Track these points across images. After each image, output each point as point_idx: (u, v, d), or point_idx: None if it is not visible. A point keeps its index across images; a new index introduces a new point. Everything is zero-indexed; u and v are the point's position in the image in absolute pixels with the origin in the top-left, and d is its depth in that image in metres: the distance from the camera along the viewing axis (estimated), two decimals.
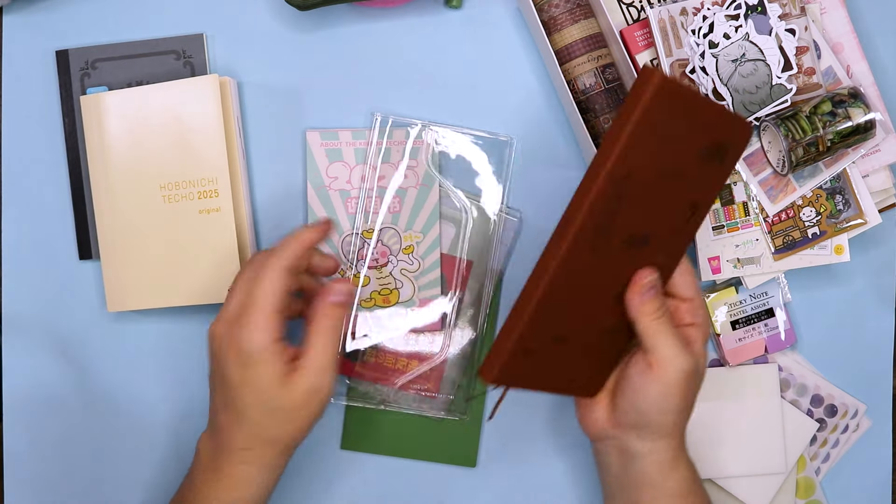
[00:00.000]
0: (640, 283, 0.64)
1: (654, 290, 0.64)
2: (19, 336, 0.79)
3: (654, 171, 0.61)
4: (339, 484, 0.79)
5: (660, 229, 0.64)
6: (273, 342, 0.62)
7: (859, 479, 0.81)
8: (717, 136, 0.63)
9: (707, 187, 0.65)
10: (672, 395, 0.64)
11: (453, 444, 0.79)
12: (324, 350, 0.63)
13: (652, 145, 0.60)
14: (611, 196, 0.60)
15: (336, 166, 0.77)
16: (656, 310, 0.64)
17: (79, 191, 0.78)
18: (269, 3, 0.79)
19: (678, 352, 0.64)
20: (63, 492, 0.79)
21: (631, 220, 0.62)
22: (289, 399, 0.63)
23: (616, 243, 0.62)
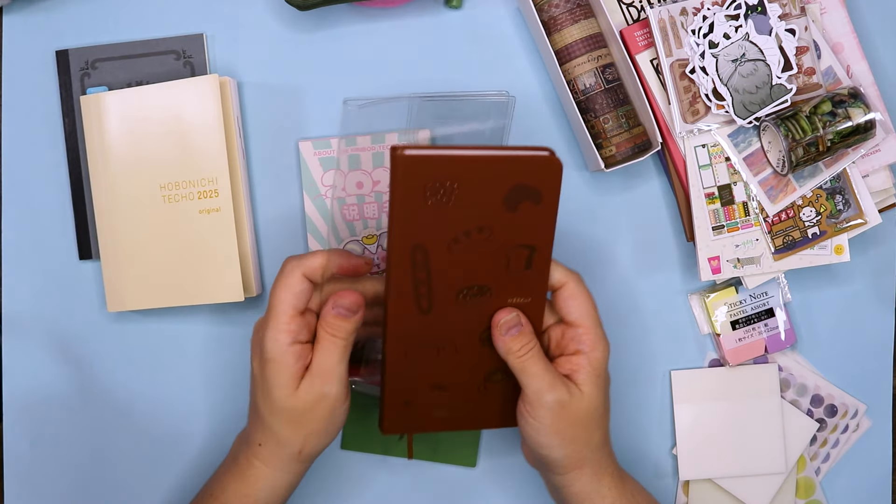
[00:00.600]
0: (497, 325, 0.64)
1: (516, 328, 0.64)
2: (19, 336, 0.79)
3: (447, 237, 0.61)
4: (339, 484, 0.79)
5: (495, 278, 0.63)
6: (289, 344, 0.63)
7: (859, 479, 0.81)
8: (512, 181, 0.60)
9: (533, 228, 0.62)
10: (545, 432, 0.64)
11: (453, 444, 0.79)
12: (326, 359, 0.64)
13: (430, 217, 0.60)
14: (409, 268, 0.61)
15: (331, 174, 0.77)
16: (520, 347, 0.63)
17: (79, 191, 0.78)
18: (269, 3, 0.79)
19: (544, 386, 0.63)
20: (63, 492, 0.79)
21: (451, 277, 0.62)
22: (295, 401, 0.63)
23: (447, 299, 0.63)
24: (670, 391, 0.79)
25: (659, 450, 0.80)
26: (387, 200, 0.77)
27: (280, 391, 0.63)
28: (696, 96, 0.73)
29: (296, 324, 0.63)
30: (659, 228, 0.79)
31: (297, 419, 0.64)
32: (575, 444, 0.65)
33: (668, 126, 0.74)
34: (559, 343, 0.66)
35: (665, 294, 0.79)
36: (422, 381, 0.66)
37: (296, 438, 0.65)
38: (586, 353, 0.64)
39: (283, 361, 0.63)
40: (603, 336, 0.65)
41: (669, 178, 0.77)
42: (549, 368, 0.64)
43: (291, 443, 0.65)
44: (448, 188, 0.59)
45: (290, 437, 0.65)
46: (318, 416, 0.64)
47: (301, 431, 0.65)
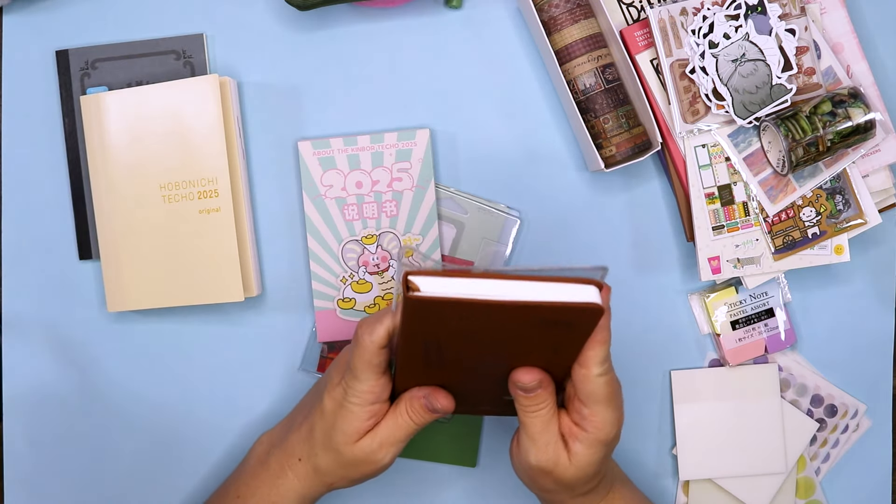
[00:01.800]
0: (514, 381, 0.61)
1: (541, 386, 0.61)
2: (19, 336, 0.79)
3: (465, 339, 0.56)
4: None
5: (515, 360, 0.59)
6: (368, 403, 0.64)
7: (859, 479, 0.81)
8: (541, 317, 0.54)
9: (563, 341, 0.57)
10: (527, 481, 0.66)
11: (453, 444, 0.79)
12: (396, 432, 0.65)
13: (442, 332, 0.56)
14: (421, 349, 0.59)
15: (330, 174, 0.77)
16: (528, 405, 0.62)
17: (79, 191, 0.78)
18: (269, 3, 0.79)
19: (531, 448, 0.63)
20: (63, 492, 0.79)
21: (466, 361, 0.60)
22: (350, 451, 0.65)
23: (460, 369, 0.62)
24: (670, 391, 0.79)
25: (659, 450, 0.80)
26: (386, 201, 0.77)
27: (341, 437, 0.65)
28: (696, 96, 0.73)
29: (380, 386, 0.64)
30: (659, 228, 0.79)
31: (344, 464, 0.66)
32: (560, 495, 0.66)
33: (668, 126, 0.74)
34: (570, 401, 0.63)
35: (665, 294, 0.79)
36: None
37: (334, 476, 0.67)
38: (590, 431, 0.62)
39: (357, 416, 0.64)
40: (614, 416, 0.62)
41: (669, 178, 0.77)
42: (547, 433, 0.62)
43: (328, 476, 0.67)
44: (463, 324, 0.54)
45: (330, 472, 0.67)
46: (362, 470, 0.66)
47: (341, 473, 0.67)
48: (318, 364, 0.78)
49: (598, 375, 0.60)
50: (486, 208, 0.77)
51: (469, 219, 0.77)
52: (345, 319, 0.77)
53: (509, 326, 0.55)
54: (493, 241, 0.77)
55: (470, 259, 0.77)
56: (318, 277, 0.77)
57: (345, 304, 0.77)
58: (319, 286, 0.77)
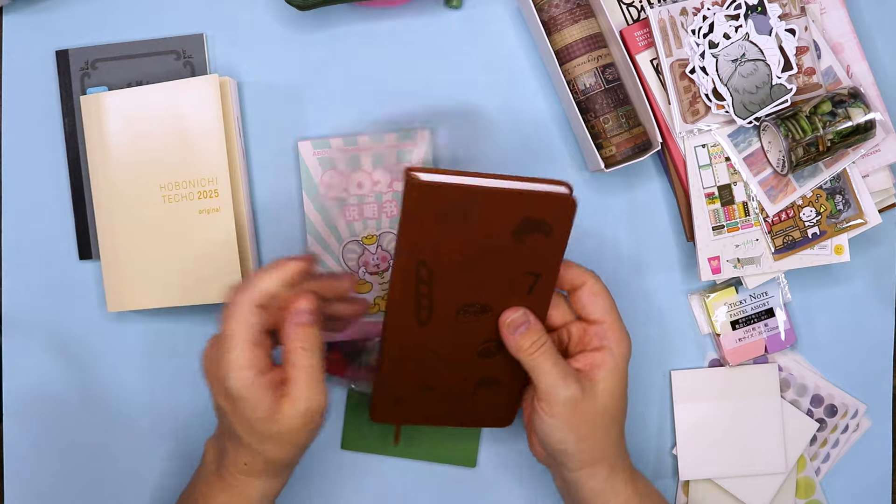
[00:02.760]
0: (504, 324, 0.63)
1: (523, 326, 0.63)
2: (19, 336, 0.79)
3: (454, 259, 0.61)
4: (339, 484, 0.79)
5: (497, 299, 0.63)
6: (255, 377, 0.61)
7: (859, 479, 0.81)
8: (523, 214, 0.60)
9: (539, 256, 0.62)
10: (560, 427, 0.64)
11: (453, 444, 0.79)
12: (303, 375, 0.62)
13: (438, 238, 0.60)
14: (413, 282, 0.61)
15: (330, 174, 0.77)
16: (530, 345, 0.63)
17: (79, 191, 0.78)
18: (269, 3, 0.79)
19: (558, 382, 0.63)
20: (63, 492, 0.79)
21: (454, 294, 0.63)
22: (282, 426, 0.62)
23: (447, 314, 0.63)
24: (670, 391, 0.79)
25: (659, 450, 0.80)
26: (387, 201, 0.77)
27: (262, 424, 0.61)
28: (696, 96, 0.73)
29: (254, 357, 0.61)
30: (659, 228, 0.79)
31: (287, 440, 0.63)
32: (591, 441, 0.65)
33: (668, 126, 0.74)
34: (581, 339, 0.66)
35: (665, 294, 0.79)
36: (414, 381, 0.67)
37: (286, 455, 0.64)
38: (610, 349, 0.65)
39: (256, 396, 0.61)
40: (626, 332, 0.66)
41: (669, 178, 0.77)
42: (561, 364, 0.63)
43: (281, 458, 0.64)
44: (459, 214, 0.59)
45: (280, 455, 0.64)
46: (307, 431, 0.63)
47: (291, 449, 0.64)
48: None
49: (596, 285, 0.65)
50: None
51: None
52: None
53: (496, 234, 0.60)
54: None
55: None
56: None
57: None
58: None
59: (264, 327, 0.62)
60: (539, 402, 0.64)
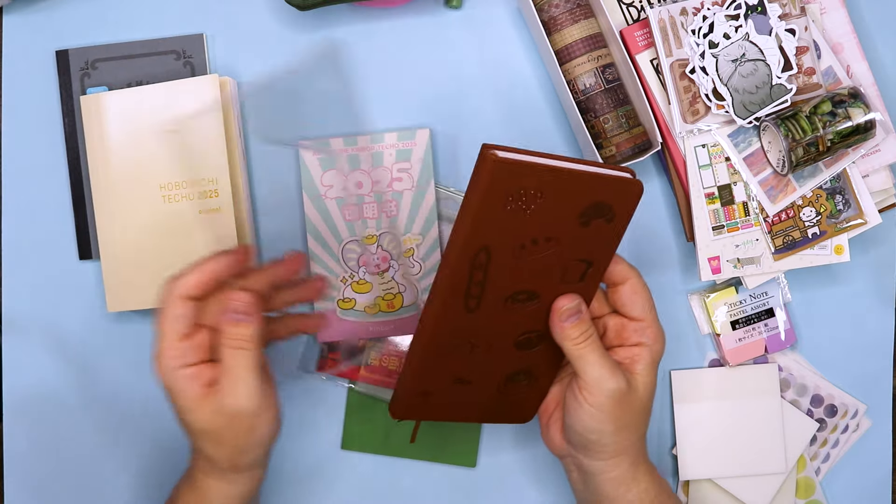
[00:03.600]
0: (558, 311, 0.64)
1: (576, 315, 0.64)
2: (19, 336, 0.79)
3: (515, 243, 0.60)
4: (339, 484, 0.79)
5: (547, 287, 0.63)
6: (178, 368, 0.61)
7: (859, 479, 0.81)
8: (591, 198, 0.60)
9: (596, 245, 0.63)
10: (601, 418, 0.64)
11: (453, 444, 0.79)
12: (230, 373, 0.61)
13: (503, 223, 0.59)
14: (468, 267, 0.60)
15: (330, 174, 0.77)
16: (579, 335, 0.63)
17: (79, 191, 0.78)
18: (269, 3, 0.79)
19: (605, 374, 0.63)
20: (63, 492, 0.79)
21: (506, 281, 0.62)
22: (203, 423, 0.62)
23: (496, 302, 0.63)
24: (670, 391, 0.79)
25: (659, 450, 0.80)
26: (386, 200, 0.77)
27: (187, 415, 0.62)
28: (696, 96, 0.73)
29: (180, 348, 0.61)
30: (659, 228, 0.79)
31: (215, 438, 0.63)
32: (626, 431, 0.65)
33: (668, 126, 0.74)
34: (619, 334, 0.67)
35: (665, 294, 0.79)
36: (446, 374, 0.66)
37: (221, 455, 0.64)
38: (649, 346, 0.66)
39: (176, 387, 0.61)
40: (662, 331, 0.67)
41: (669, 178, 0.77)
42: (607, 357, 0.64)
43: (219, 459, 0.64)
44: (530, 196, 0.59)
45: (215, 454, 0.64)
46: (235, 432, 0.62)
47: (224, 449, 0.63)
48: (317, 364, 0.78)
49: (638, 281, 0.66)
50: None
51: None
52: (345, 320, 0.77)
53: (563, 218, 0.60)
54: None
55: None
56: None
57: (345, 305, 0.77)
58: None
59: (194, 320, 0.62)
60: (582, 392, 0.64)
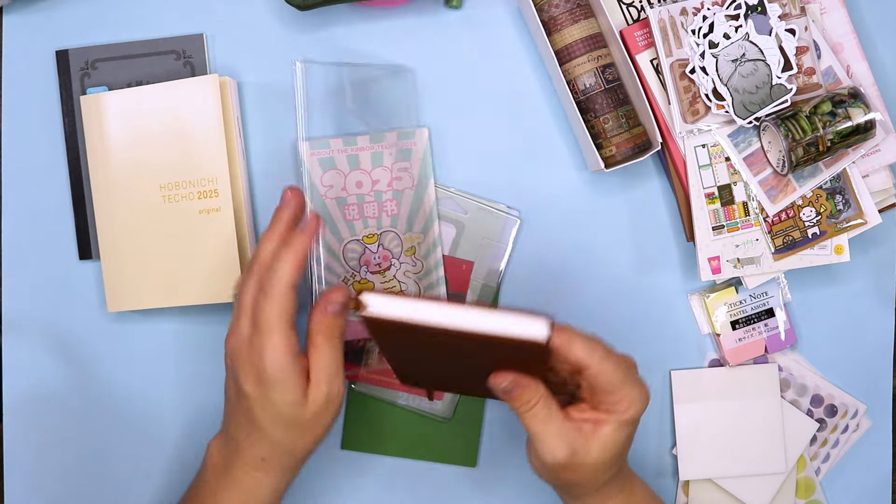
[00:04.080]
0: (496, 388, 0.62)
1: (515, 388, 0.61)
2: (19, 336, 0.79)
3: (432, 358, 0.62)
4: (339, 484, 0.79)
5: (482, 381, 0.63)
6: (292, 361, 0.62)
7: (859, 479, 0.81)
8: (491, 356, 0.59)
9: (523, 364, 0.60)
10: (549, 478, 0.65)
11: (453, 444, 0.79)
12: (327, 361, 0.63)
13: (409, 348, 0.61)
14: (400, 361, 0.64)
15: (330, 174, 0.77)
16: (522, 405, 0.62)
17: (79, 191, 0.78)
18: (269, 3, 0.79)
19: (546, 448, 0.62)
20: (63, 492, 0.79)
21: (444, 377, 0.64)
22: (306, 412, 0.63)
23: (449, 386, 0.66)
24: (670, 391, 0.79)
25: (659, 450, 0.80)
26: (387, 200, 0.77)
27: (291, 408, 0.63)
28: (696, 96, 0.73)
29: (292, 337, 0.62)
30: (659, 228, 0.79)
31: (309, 427, 0.64)
32: (579, 487, 0.65)
33: (668, 126, 0.74)
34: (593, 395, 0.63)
35: (665, 294, 0.79)
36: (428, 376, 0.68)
37: (306, 444, 0.65)
38: (619, 413, 0.62)
39: (290, 380, 0.62)
40: (640, 392, 0.62)
41: (669, 178, 0.77)
42: (550, 425, 0.62)
43: (301, 449, 0.65)
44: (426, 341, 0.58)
45: (301, 444, 0.65)
46: (326, 419, 0.64)
47: (311, 437, 0.65)
48: None
49: (601, 364, 0.60)
50: (486, 208, 0.77)
51: (469, 219, 0.77)
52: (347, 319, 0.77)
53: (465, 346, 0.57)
54: (493, 241, 0.77)
55: (470, 259, 0.77)
56: (320, 277, 0.77)
57: None
58: (321, 287, 0.77)
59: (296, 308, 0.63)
60: (530, 449, 0.65)
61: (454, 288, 0.77)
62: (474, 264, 0.77)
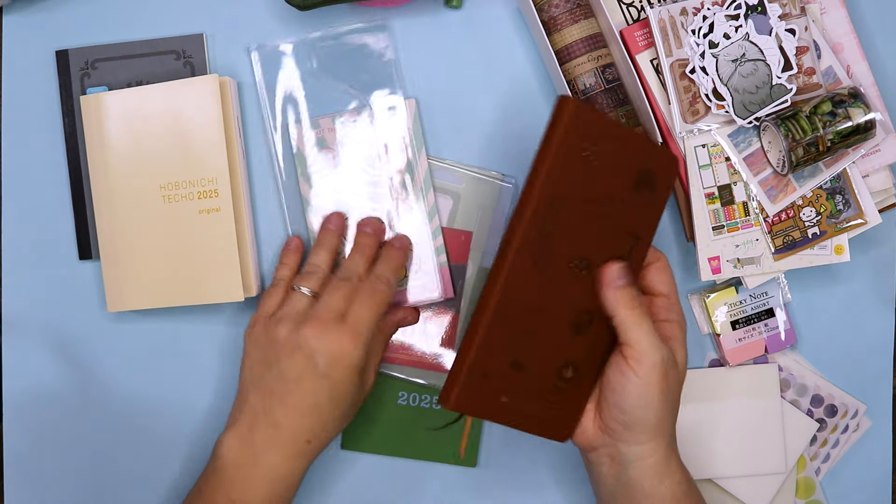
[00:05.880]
0: (608, 275, 0.65)
1: (626, 279, 0.65)
2: (19, 336, 0.79)
3: (583, 196, 0.64)
4: (339, 484, 0.79)
5: (601, 255, 0.66)
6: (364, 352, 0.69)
7: (859, 479, 0.81)
8: (642, 164, 0.66)
9: (643, 217, 0.68)
10: (650, 390, 0.64)
11: (453, 444, 0.79)
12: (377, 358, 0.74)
13: (576, 171, 0.64)
14: (542, 218, 0.63)
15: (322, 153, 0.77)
16: (632, 299, 0.64)
17: (79, 191, 0.78)
18: (269, 3, 0.79)
19: (655, 342, 0.64)
20: (63, 492, 0.79)
21: (569, 242, 0.65)
22: (363, 395, 0.71)
23: (560, 265, 0.65)
24: None
25: None
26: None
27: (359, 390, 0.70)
28: (696, 96, 0.73)
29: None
30: (659, 228, 0.79)
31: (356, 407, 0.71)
32: (666, 411, 0.65)
33: (668, 126, 0.74)
34: (650, 311, 0.68)
35: None
36: (505, 352, 0.65)
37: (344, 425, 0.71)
38: (678, 322, 0.67)
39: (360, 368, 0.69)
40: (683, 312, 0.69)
41: None
42: (654, 328, 0.65)
43: (339, 430, 0.71)
44: (597, 149, 0.64)
45: (341, 425, 0.71)
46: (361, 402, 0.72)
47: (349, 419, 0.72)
48: None
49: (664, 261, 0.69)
50: (480, 177, 0.77)
51: (464, 188, 0.77)
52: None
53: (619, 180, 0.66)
54: (490, 208, 0.77)
55: (468, 229, 0.77)
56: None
57: None
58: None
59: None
60: (631, 362, 0.64)
61: (454, 258, 0.77)
62: (473, 234, 0.77)
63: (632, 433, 0.66)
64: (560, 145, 0.63)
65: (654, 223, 0.68)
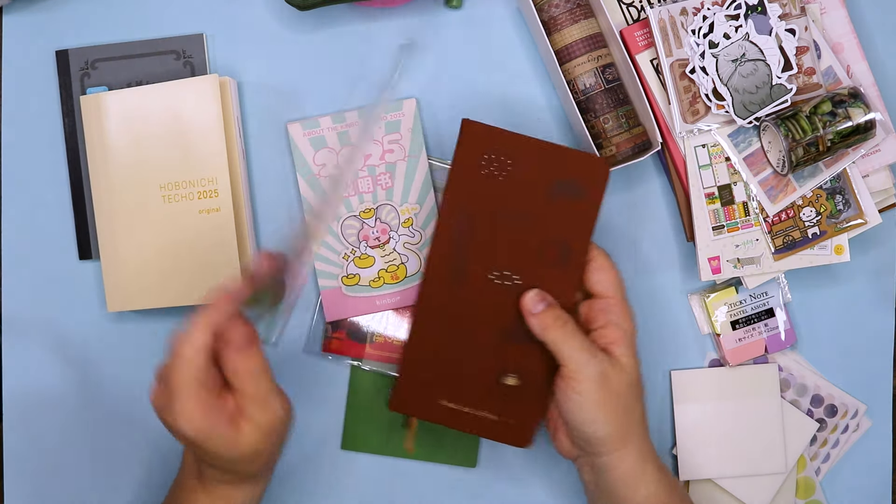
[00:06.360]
0: (525, 304, 0.66)
1: (543, 303, 0.65)
2: (19, 336, 0.79)
3: (493, 211, 0.67)
4: (339, 484, 0.79)
5: (527, 266, 0.67)
6: (206, 418, 0.60)
7: (859, 479, 0.81)
8: (560, 175, 0.67)
9: (571, 225, 0.67)
10: (591, 406, 0.64)
11: (453, 444, 0.79)
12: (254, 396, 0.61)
13: (480, 188, 0.67)
14: (454, 232, 0.67)
15: (322, 153, 0.77)
16: (554, 320, 0.64)
17: (79, 191, 0.78)
18: (269, 3, 0.79)
19: (586, 357, 0.63)
20: (63, 492, 0.79)
21: (486, 255, 0.67)
22: (246, 448, 0.61)
23: (478, 276, 0.67)
24: (670, 391, 0.79)
25: (659, 450, 0.79)
26: (380, 174, 0.77)
27: (226, 452, 0.61)
28: (696, 96, 0.73)
29: (203, 396, 0.60)
30: (659, 228, 0.79)
31: (255, 456, 0.63)
32: (620, 419, 0.65)
33: (668, 126, 0.74)
34: (587, 316, 0.67)
35: (665, 294, 0.79)
36: (433, 358, 0.68)
37: (259, 465, 0.65)
38: (619, 325, 0.65)
39: (210, 436, 0.60)
40: (631, 308, 0.66)
41: (669, 178, 0.77)
42: (586, 341, 0.64)
43: (256, 469, 0.65)
44: (501, 163, 0.66)
45: (253, 468, 0.64)
46: (272, 444, 0.63)
47: (263, 460, 0.64)
48: (321, 345, 0.78)
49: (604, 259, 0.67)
50: None
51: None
52: (350, 296, 0.77)
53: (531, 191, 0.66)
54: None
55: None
56: (320, 257, 0.77)
57: (349, 281, 0.77)
58: (322, 265, 0.77)
59: (209, 362, 0.61)
60: (567, 381, 0.64)
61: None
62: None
63: (592, 447, 0.66)
64: (458, 165, 0.67)
65: (587, 230, 0.67)
